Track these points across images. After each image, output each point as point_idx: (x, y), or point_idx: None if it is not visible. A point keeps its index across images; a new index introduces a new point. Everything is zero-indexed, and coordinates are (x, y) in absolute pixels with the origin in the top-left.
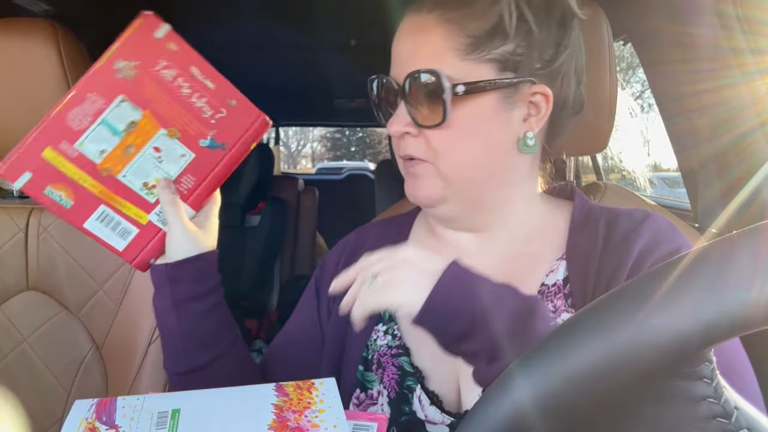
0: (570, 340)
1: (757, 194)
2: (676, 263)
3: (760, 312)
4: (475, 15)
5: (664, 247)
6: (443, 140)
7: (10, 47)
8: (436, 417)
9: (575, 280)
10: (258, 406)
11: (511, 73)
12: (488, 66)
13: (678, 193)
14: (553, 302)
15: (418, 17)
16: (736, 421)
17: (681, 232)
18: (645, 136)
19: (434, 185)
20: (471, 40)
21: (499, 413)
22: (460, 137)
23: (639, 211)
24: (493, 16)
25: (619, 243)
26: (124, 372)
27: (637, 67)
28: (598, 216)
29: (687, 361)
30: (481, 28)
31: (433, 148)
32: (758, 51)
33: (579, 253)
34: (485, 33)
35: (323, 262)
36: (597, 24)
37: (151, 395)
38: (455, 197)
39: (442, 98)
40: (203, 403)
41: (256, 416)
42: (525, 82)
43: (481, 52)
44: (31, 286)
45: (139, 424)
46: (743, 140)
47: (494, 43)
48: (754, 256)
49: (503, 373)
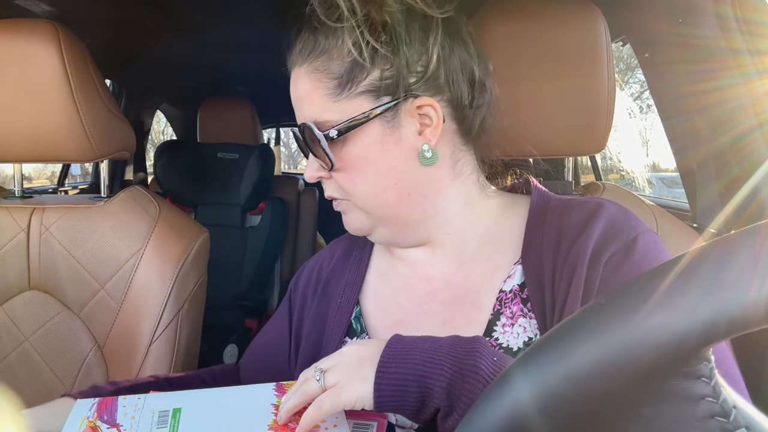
0: (569, 340)
1: (755, 194)
2: (675, 263)
3: (758, 311)
4: (333, 57)
5: (619, 238)
6: (345, 179)
7: (11, 48)
8: (406, 422)
9: (531, 283)
10: (258, 405)
11: (389, 97)
12: (362, 98)
13: (676, 193)
14: (510, 308)
15: (294, 72)
16: (734, 420)
17: (636, 217)
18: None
19: (358, 218)
20: (337, 81)
21: (498, 413)
22: (357, 173)
23: (591, 201)
24: (350, 54)
25: (575, 238)
26: (125, 371)
27: (636, 67)
28: (553, 211)
29: (685, 360)
30: (342, 67)
31: (341, 188)
32: (757, 52)
33: (533, 255)
34: (346, 71)
35: (297, 276)
36: (594, 25)
37: (152, 394)
38: (381, 223)
39: (321, 146)
40: (204, 402)
41: (256, 416)
42: (404, 100)
43: (350, 89)
44: (32, 286)
45: (141, 423)
46: (742, 140)
47: (359, 77)
48: (753, 256)
49: (503, 373)
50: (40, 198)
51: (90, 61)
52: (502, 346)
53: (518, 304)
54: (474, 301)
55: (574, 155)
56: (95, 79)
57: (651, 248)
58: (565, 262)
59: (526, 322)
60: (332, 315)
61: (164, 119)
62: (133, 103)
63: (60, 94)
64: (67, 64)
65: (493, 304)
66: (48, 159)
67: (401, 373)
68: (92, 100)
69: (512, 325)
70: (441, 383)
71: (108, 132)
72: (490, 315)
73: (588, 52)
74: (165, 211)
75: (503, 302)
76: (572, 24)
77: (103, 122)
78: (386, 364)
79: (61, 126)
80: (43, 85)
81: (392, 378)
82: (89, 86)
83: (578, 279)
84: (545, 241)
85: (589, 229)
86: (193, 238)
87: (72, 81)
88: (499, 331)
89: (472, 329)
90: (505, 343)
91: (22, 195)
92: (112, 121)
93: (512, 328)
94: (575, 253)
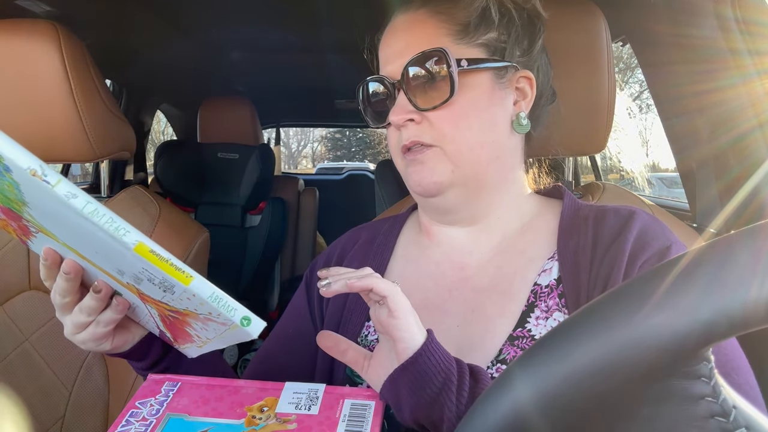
0: (569, 340)
1: (755, 194)
2: (675, 263)
3: (758, 311)
4: (461, 6)
5: (654, 245)
6: (448, 120)
7: (12, 48)
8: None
9: (568, 280)
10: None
11: (500, 58)
12: (479, 50)
13: (676, 193)
14: (546, 302)
15: (407, 15)
16: (734, 419)
17: (667, 227)
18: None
19: (442, 170)
20: (461, 27)
21: (499, 412)
22: (463, 117)
23: (625, 209)
24: (478, 8)
25: (611, 242)
26: (125, 371)
27: (636, 67)
28: (586, 214)
29: (686, 360)
30: (469, 17)
31: (438, 130)
32: (756, 52)
33: (570, 254)
34: (473, 21)
35: (314, 264)
36: (595, 25)
37: None
38: (461, 181)
39: (449, 73)
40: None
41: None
42: (512, 67)
43: (471, 38)
44: (33, 286)
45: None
46: (741, 141)
47: (481, 30)
48: (753, 256)
49: (503, 373)
50: None
51: (90, 61)
52: (534, 338)
53: (555, 299)
54: (506, 291)
55: (574, 155)
56: (95, 79)
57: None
58: (602, 264)
59: (561, 316)
60: (352, 298)
61: (164, 119)
62: (133, 103)
63: (60, 94)
64: (67, 64)
65: (528, 296)
66: (48, 159)
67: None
68: (92, 100)
69: (546, 318)
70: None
71: (108, 132)
72: (524, 306)
73: (588, 52)
74: (165, 211)
75: (538, 295)
76: (572, 24)
77: (103, 122)
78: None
79: (61, 126)
80: (43, 85)
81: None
82: (89, 86)
83: (615, 280)
84: (581, 241)
85: (626, 234)
86: (194, 238)
87: (72, 81)
88: (532, 323)
89: (504, 319)
90: (538, 335)
91: None
92: (112, 121)
93: (546, 321)
94: (612, 255)
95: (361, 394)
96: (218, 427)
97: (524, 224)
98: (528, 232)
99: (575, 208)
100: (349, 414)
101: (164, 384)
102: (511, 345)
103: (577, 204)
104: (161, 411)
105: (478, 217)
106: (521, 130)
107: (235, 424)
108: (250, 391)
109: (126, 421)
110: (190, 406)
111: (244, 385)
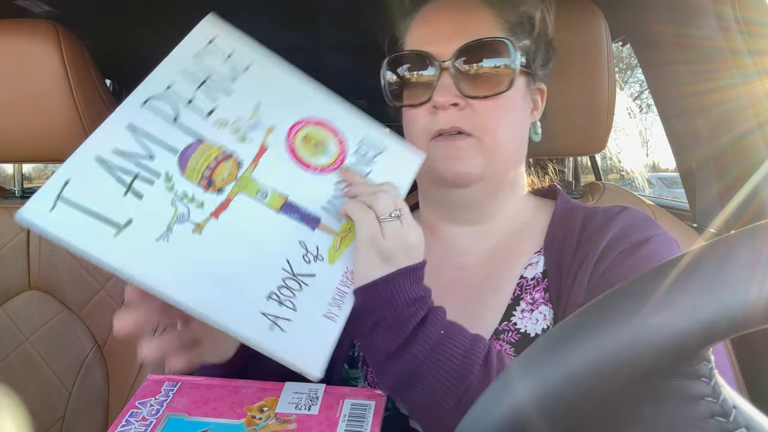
0: (569, 340)
1: (755, 194)
2: (675, 263)
3: (758, 311)
4: (512, 5)
5: (635, 236)
6: (494, 113)
7: (12, 48)
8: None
9: (552, 273)
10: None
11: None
12: (519, 53)
13: (676, 193)
14: (531, 294)
15: (469, 1)
16: (734, 419)
17: (657, 224)
18: (644, 137)
19: (477, 163)
20: (511, 25)
21: (498, 412)
22: (505, 112)
23: (616, 207)
24: (524, 13)
25: (592, 235)
26: (125, 371)
27: (636, 67)
28: (577, 213)
29: (686, 360)
30: (514, 19)
31: (481, 120)
32: (756, 52)
33: (555, 246)
34: (517, 23)
35: None
36: (595, 25)
37: None
38: (489, 177)
39: (511, 66)
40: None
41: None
42: (537, 77)
43: (517, 39)
44: (33, 286)
45: None
46: (741, 141)
47: (521, 34)
48: (753, 256)
49: (502, 373)
50: None
51: (90, 61)
52: (520, 332)
53: (540, 292)
54: (495, 286)
55: (574, 155)
56: (95, 79)
57: (664, 250)
58: (576, 256)
59: (546, 309)
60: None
61: None
62: None
63: (60, 94)
64: (67, 64)
65: (513, 290)
66: (48, 159)
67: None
68: (92, 100)
69: (532, 311)
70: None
71: None
72: (509, 300)
73: (588, 52)
74: None
75: (524, 288)
76: (572, 24)
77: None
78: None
79: (61, 126)
80: (43, 85)
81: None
82: (89, 86)
83: (585, 270)
84: (567, 236)
85: (608, 227)
86: None
87: (72, 81)
88: (517, 316)
89: (492, 313)
90: (523, 328)
91: (22, 195)
92: None
93: (531, 314)
94: (588, 247)
95: (361, 394)
96: (218, 427)
97: (521, 224)
98: (522, 230)
99: (568, 208)
100: (349, 414)
101: (164, 384)
102: (497, 339)
103: (571, 204)
104: (161, 411)
105: (485, 217)
106: (536, 138)
107: (235, 424)
108: (250, 391)
109: (126, 421)
110: (190, 406)
111: (244, 385)
